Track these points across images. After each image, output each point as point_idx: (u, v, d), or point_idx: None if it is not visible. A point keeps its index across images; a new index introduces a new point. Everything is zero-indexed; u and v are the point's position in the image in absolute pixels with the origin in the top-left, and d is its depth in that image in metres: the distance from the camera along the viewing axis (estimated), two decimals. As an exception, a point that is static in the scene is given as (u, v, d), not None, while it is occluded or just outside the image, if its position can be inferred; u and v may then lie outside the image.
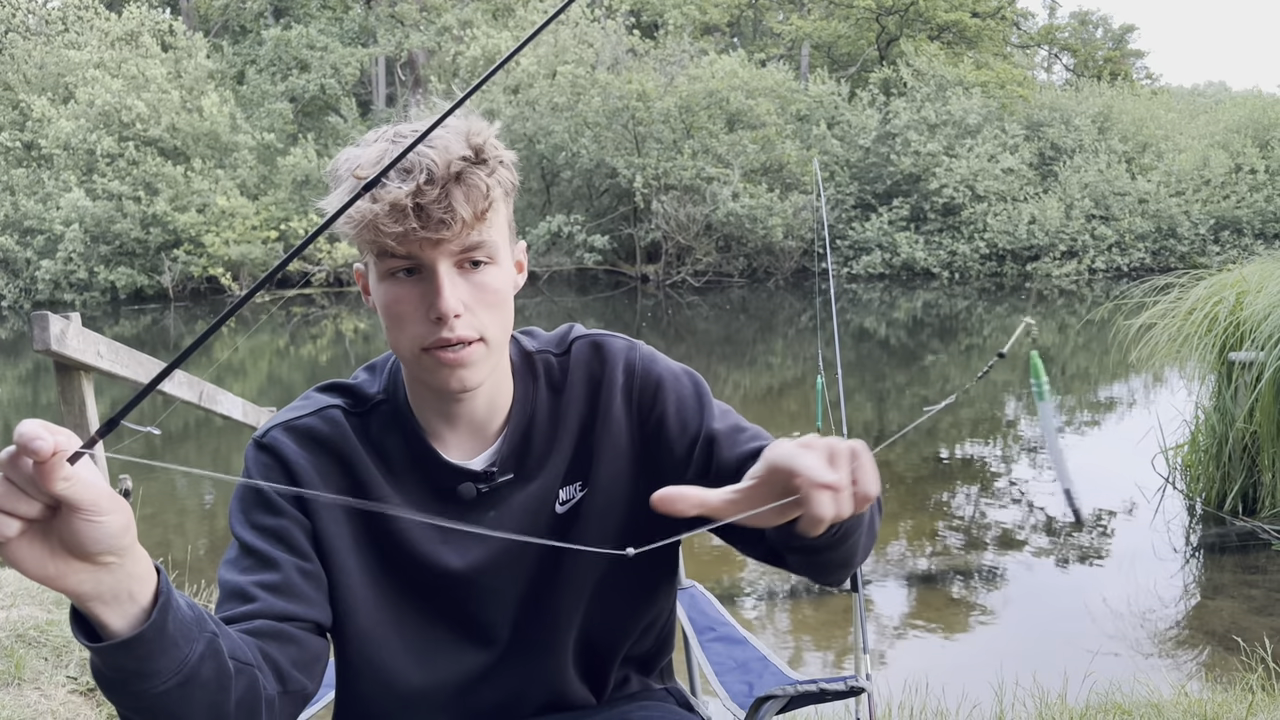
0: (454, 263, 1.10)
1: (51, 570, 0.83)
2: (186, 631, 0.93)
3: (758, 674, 1.43)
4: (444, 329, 1.09)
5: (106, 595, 0.87)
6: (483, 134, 1.09)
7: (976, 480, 7.51)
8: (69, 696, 2.84)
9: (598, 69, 24.79)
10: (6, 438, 3.68)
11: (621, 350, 1.28)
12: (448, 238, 1.07)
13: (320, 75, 27.84)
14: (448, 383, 1.13)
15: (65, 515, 0.81)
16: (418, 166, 1.04)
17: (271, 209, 24.00)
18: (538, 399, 1.25)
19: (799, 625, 4.87)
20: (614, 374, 1.26)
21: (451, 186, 1.05)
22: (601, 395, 1.25)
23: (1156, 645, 4.32)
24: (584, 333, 1.31)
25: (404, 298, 1.10)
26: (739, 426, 1.24)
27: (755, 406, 11.10)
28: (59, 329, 3.08)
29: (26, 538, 0.82)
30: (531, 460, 1.24)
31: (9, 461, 0.79)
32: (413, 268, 1.10)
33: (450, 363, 1.11)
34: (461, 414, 1.22)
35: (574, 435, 1.25)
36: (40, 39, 25.91)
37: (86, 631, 0.90)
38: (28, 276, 22.92)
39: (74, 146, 23.41)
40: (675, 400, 1.25)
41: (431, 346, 1.10)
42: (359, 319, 21.19)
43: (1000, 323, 17.58)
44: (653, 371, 1.27)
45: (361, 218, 1.04)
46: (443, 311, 1.08)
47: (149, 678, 0.91)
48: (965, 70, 26.42)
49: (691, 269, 23.96)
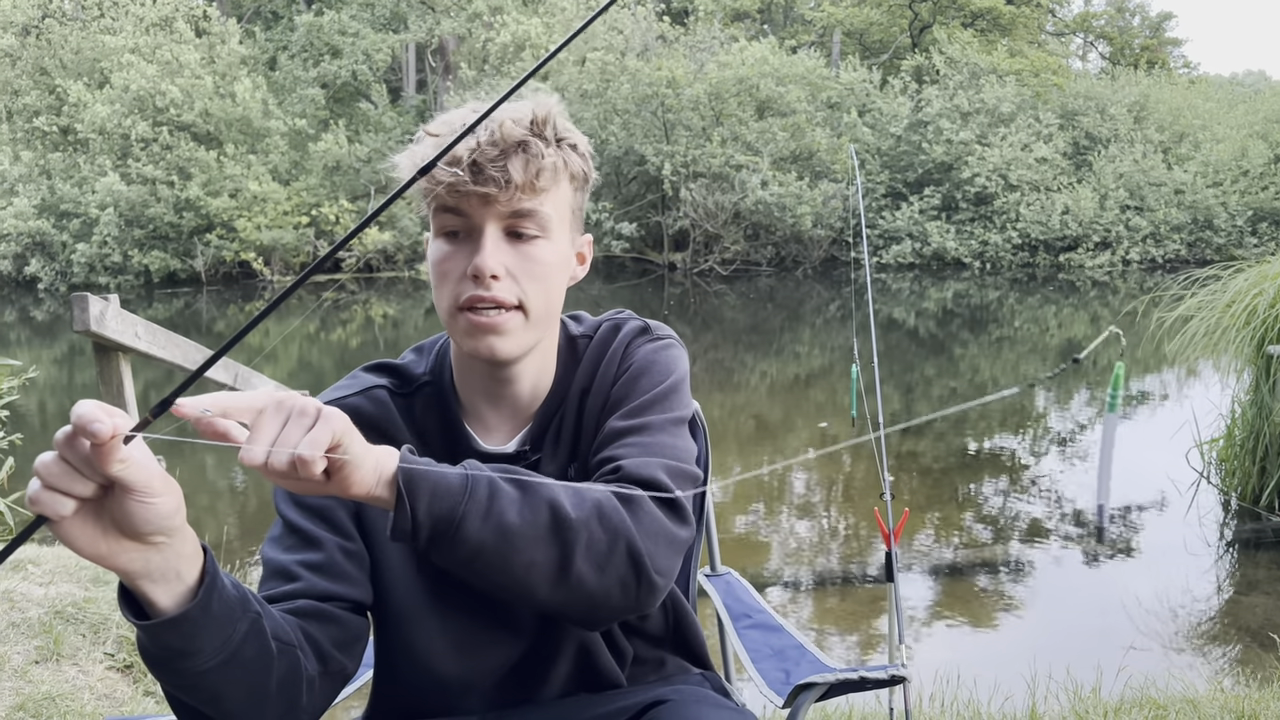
0: (503, 227, 1.11)
1: (103, 549, 0.85)
2: (231, 611, 0.95)
3: (794, 661, 1.42)
4: (480, 286, 1.10)
5: (155, 574, 0.88)
6: (551, 111, 1.12)
7: (1005, 472, 7.45)
8: (106, 673, 2.89)
9: (627, 55, 24.72)
10: (43, 418, 3.76)
11: (630, 332, 1.28)
12: (497, 198, 1.09)
13: (352, 61, 27.93)
14: (478, 347, 1.13)
15: (118, 496, 0.83)
16: (482, 127, 1.08)
17: (303, 194, 24.15)
18: (572, 381, 1.25)
19: (825, 614, 4.86)
20: (615, 353, 1.26)
21: (511, 151, 1.09)
22: (599, 372, 1.25)
23: (1189, 641, 4.27)
24: (615, 315, 1.31)
25: (450, 255, 1.13)
26: (634, 429, 1.16)
27: (782, 396, 11.07)
28: (99, 310, 3.12)
29: (80, 517, 0.83)
30: (550, 439, 1.24)
31: (65, 442, 0.80)
32: (464, 230, 1.12)
33: (483, 326, 1.11)
34: (505, 394, 1.22)
35: (575, 413, 1.25)
36: (76, 24, 26.17)
37: (134, 609, 0.92)
38: (64, 260, 23.21)
39: (109, 131, 23.65)
40: (626, 382, 1.22)
41: (466, 305, 1.11)
42: (388, 304, 21.30)
43: (1032, 314, 17.41)
44: (635, 356, 1.25)
45: (413, 161, 1.09)
46: (480, 268, 1.09)
47: (193, 656, 0.92)
48: (999, 58, 26.09)
49: (719, 257, 23.88)
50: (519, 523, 0.97)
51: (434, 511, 0.94)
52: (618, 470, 1.11)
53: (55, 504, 0.80)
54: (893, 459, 7.34)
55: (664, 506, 1.06)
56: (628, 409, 1.19)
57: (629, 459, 1.12)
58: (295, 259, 23.72)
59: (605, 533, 1.00)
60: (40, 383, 11.59)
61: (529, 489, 0.99)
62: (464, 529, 0.95)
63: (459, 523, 0.95)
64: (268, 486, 7.97)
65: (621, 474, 1.10)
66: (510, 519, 0.97)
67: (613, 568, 1.01)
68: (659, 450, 1.14)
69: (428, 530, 0.94)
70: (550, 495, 0.99)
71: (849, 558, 5.64)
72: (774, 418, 9.95)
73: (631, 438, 1.15)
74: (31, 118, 24.84)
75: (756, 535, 5.98)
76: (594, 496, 1.02)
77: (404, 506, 0.92)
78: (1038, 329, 15.77)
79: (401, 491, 0.92)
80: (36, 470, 0.81)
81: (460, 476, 0.96)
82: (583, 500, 1.01)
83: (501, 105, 1.07)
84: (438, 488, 0.94)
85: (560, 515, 0.98)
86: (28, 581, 3.30)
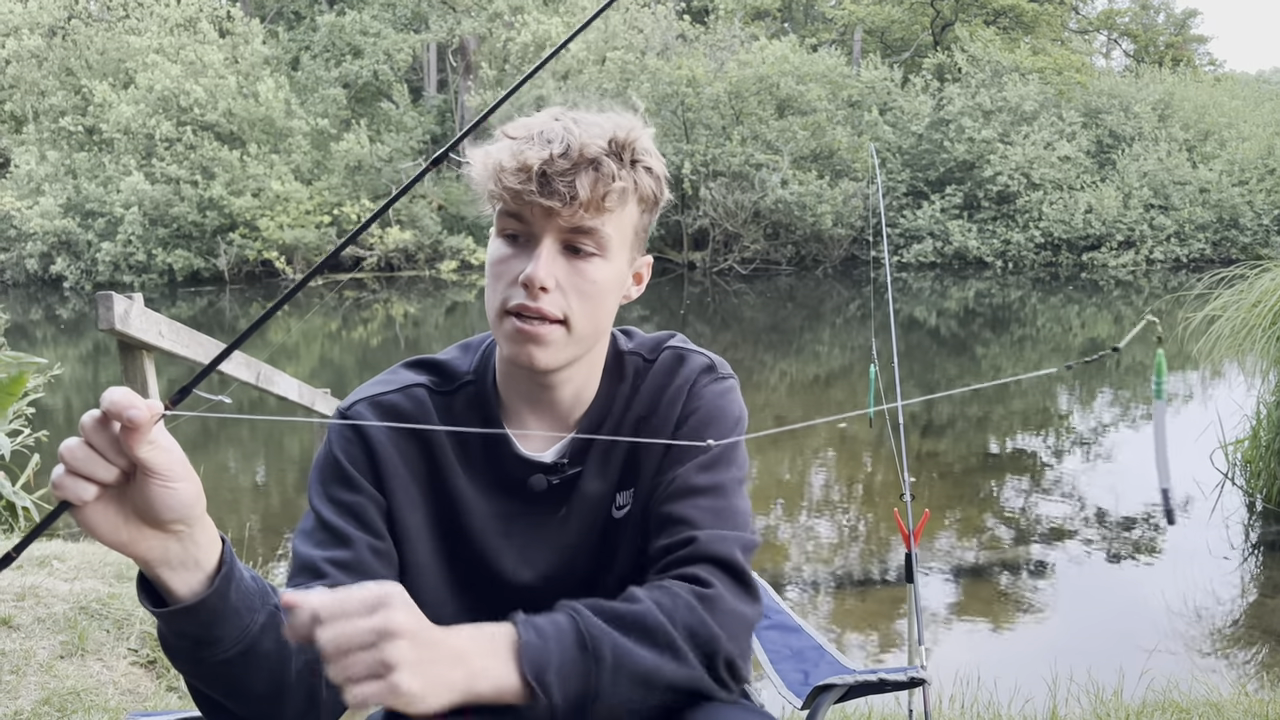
0: (561, 240, 1.11)
1: (124, 536, 0.87)
2: (249, 602, 0.96)
3: (814, 663, 1.42)
4: (529, 296, 1.10)
5: (174, 561, 0.90)
6: (635, 134, 1.11)
7: (1026, 473, 7.40)
8: (130, 668, 2.91)
9: (647, 55, 24.72)
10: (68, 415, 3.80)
11: (696, 368, 1.25)
12: (560, 211, 1.08)
13: (373, 61, 28.08)
14: (518, 354, 1.13)
15: (141, 481, 0.85)
16: (559, 139, 1.07)
17: (325, 194, 24.30)
18: (616, 397, 1.24)
19: (843, 615, 4.84)
20: (680, 389, 1.23)
21: (583, 167, 1.07)
22: (661, 406, 1.23)
23: (1213, 644, 4.23)
24: (677, 344, 1.29)
25: (506, 257, 1.12)
26: (707, 489, 1.17)
27: (802, 395, 11.04)
28: (123, 309, 3.15)
29: (102, 503, 0.85)
30: (595, 457, 1.23)
31: (93, 426, 0.83)
32: (523, 235, 1.11)
33: (525, 334, 1.11)
34: (545, 400, 1.21)
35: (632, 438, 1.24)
36: (102, 25, 26.43)
37: (153, 597, 0.93)
38: (89, 258, 23.45)
39: (134, 131, 23.88)
40: (695, 429, 1.21)
41: (512, 310, 1.11)
42: (409, 303, 21.40)
43: (1054, 314, 17.29)
44: (704, 398, 1.23)
45: (495, 164, 1.08)
46: (530, 278, 1.09)
47: (212, 645, 0.94)
48: (1021, 56, 25.91)
49: (739, 256, 23.85)
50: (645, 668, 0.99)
51: (568, 692, 0.95)
52: (693, 541, 1.11)
53: (79, 489, 0.83)
54: (913, 459, 7.31)
55: (738, 588, 1.09)
56: (699, 461, 1.18)
57: (704, 528, 1.12)
58: (317, 257, 23.86)
59: (701, 653, 1.03)
60: (65, 380, 11.72)
61: (636, 627, 1.00)
62: (600, 698, 0.97)
63: (595, 695, 0.96)
64: (290, 483, 8.01)
65: (697, 546, 1.10)
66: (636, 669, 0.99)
67: (712, 678, 1.04)
68: (731, 520, 1.15)
69: (565, 710, 0.95)
70: (658, 630, 1.01)
71: (868, 558, 5.62)
72: (793, 417, 9.93)
73: (704, 500, 1.15)
74: (58, 118, 25.11)
75: (776, 535, 5.96)
76: (683, 618, 1.03)
77: (538, 699, 0.93)
78: (1060, 328, 15.66)
79: (534, 686, 0.93)
80: (61, 455, 0.83)
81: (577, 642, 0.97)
82: (675, 622, 1.02)
83: (593, 119, 1.10)
84: (563, 667, 0.95)
85: (674, 648, 1.01)
86: (53, 577, 3.33)
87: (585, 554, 1.22)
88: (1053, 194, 23.15)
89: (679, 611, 1.03)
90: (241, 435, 9.12)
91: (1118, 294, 19.35)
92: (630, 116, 1.13)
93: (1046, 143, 23.58)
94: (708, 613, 1.03)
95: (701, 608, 1.03)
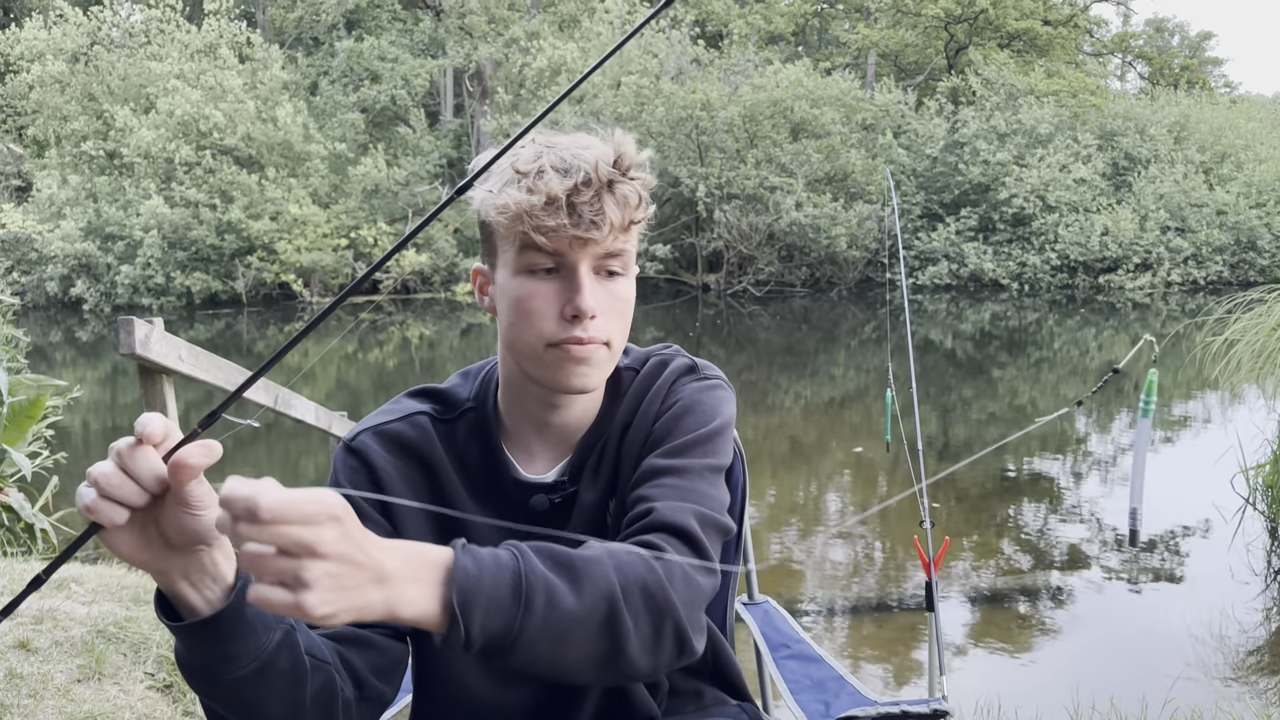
0: (593, 266, 1.12)
1: (146, 557, 0.89)
2: (264, 620, 0.97)
3: (834, 694, 1.41)
4: (578, 327, 1.11)
5: (192, 577, 0.92)
6: (633, 154, 1.11)
7: (1045, 497, 7.34)
8: (146, 692, 2.91)
9: (662, 79, 24.85)
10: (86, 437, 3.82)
11: (677, 369, 1.26)
12: (596, 239, 1.09)
13: (391, 86, 28.33)
14: (569, 380, 1.13)
15: (169, 508, 0.87)
16: (574, 168, 1.07)
17: (342, 217, 24.47)
18: (615, 414, 1.25)
19: (861, 641, 4.80)
20: (660, 389, 1.24)
21: (604, 192, 1.08)
22: (642, 408, 1.24)
23: (1237, 672, 4.18)
24: (666, 352, 1.30)
25: (540, 293, 1.11)
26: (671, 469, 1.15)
27: (817, 418, 11.00)
28: (144, 333, 3.17)
29: (129, 526, 0.87)
30: (590, 470, 1.24)
31: (128, 452, 0.84)
32: (553, 266, 1.11)
33: (578, 357, 1.12)
34: (555, 423, 1.22)
35: (616, 446, 1.24)
36: (124, 51, 26.77)
37: (170, 613, 0.94)
38: (108, 281, 23.65)
39: (154, 155, 24.12)
40: (668, 420, 1.21)
41: (561, 342, 1.11)
42: (425, 325, 21.47)
43: (1071, 336, 17.20)
44: (682, 393, 1.23)
45: (518, 207, 1.07)
46: (582, 309, 1.09)
47: (228, 661, 0.94)
48: (1036, 79, 25.92)
49: (753, 278, 23.86)
50: (572, 623, 0.94)
51: (489, 629, 0.90)
52: (650, 513, 1.09)
53: (111, 513, 0.84)
54: (931, 483, 7.26)
55: (692, 554, 1.06)
56: (667, 448, 1.17)
57: (662, 501, 1.10)
58: (334, 280, 24.01)
59: (652, 615, 0.98)
60: (84, 402, 11.80)
61: (580, 577, 0.95)
62: (520, 643, 0.92)
63: (515, 638, 0.91)
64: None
65: (653, 516, 1.09)
66: (565, 622, 0.93)
67: (661, 650, 1.00)
68: (693, 496, 1.12)
69: (480, 645, 0.90)
70: (602, 583, 0.96)
71: (886, 584, 5.57)
72: (808, 440, 9.89)
73: (668, 479, 1.14)
74: (79, 142, 25.40)
75: (792, 560, 5.93)
76: (638, 573, 0.99)
77: (458, 629, 0.88)
78: (1078, 351, 15.57)
79: (456, 614, 0.87)
80: (95, 480, 0.84)
81: (512, 583, 0.91)
82: (628, 578, 0.98)
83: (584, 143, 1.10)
84: (490, 603, 0.89)
85: (614, 609, 0.95)
86: (71, 600, 3.34)
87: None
88: (1068, 216, 23.09)
89: (635, 569, 0.99)
90: (258, 456, 9.15)
91: (1135, 316, 19.24)
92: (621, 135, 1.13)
93: (1062, 165, 23.54)
94: (665, 576, 0.99)
95: (660, 574, 0.99)
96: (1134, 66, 39.48)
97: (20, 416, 4.97)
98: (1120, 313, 19.79)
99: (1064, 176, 23.32)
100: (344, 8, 30.26)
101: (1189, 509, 6.26)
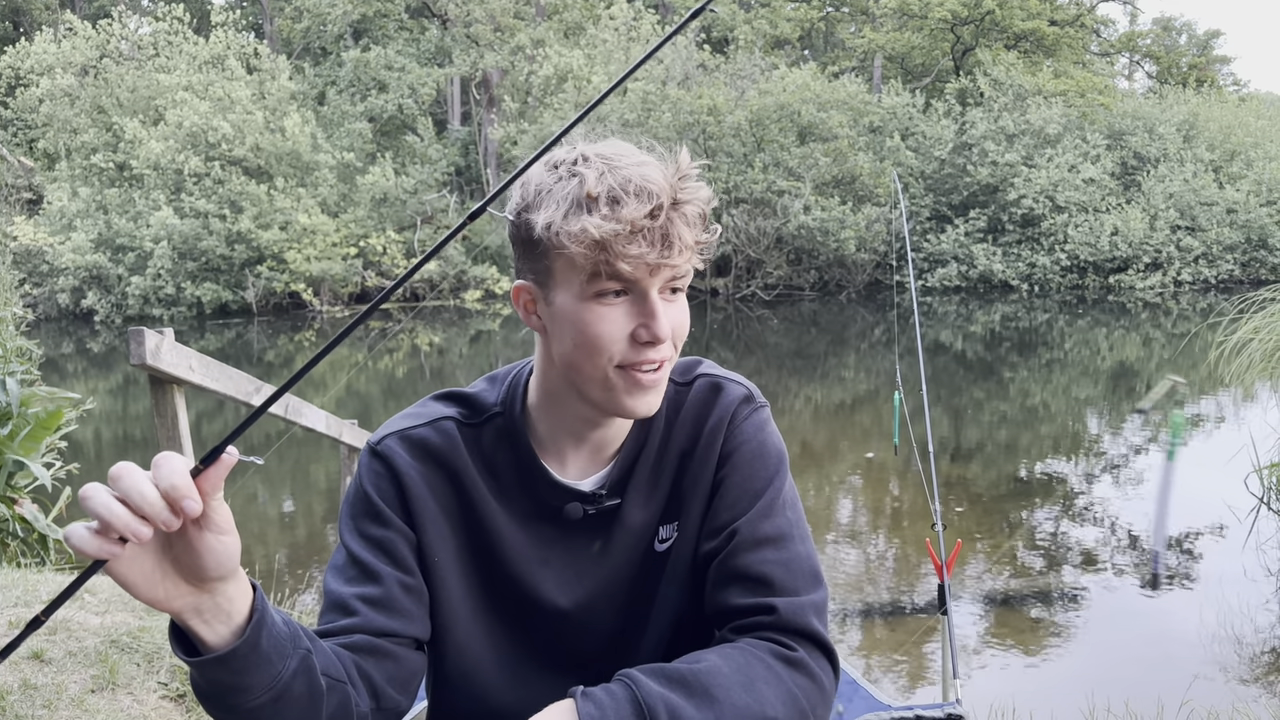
0: (659, 288, 1.09)
1: (160, 592, 0.88)
2: (280, 648, 0.96)
3: (848, 698, 1.40)
4: (652, 350, 1.09)
5: (206, 613, 0.91)
6: (692, 169, 1.09)
7: (1057, 499, 7.31)
8: (160, 702, 2.92)
9: (668, 84, 24.87)
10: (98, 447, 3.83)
11: (735, 399, 1.24)
12: (674, 263, 1.06)
13: (398, 95, 28.44)
14: (636, 406, 1.12)
15: (193, 535, 0.87)
16: (647, 190, 1.04)
17: (351, 226, 24.55)
18: (653, 426, 1.23)
19: (874, 644, 4.79)
20: (720, 421, 1.22)
21: (673, 213, 1.06)
22: (703, 438, 1.22)
23: (1253, 671, 4.15)
24: (709, 370, 1.28)
25: (610, 317, 1.08)
26: (773, 540, 1.16)
27: (827, 421, 10.98)
28: (154, 344, 3.18)
29: (139, 557, 0.86)
30: (637, 488, 1.22)
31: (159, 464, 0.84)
32: (621, 289, 1.08)
33: (649, 384, 1.11)
34: (594, 435, 1.20)
35: (673, 472, 1.23)
36: (133, 64, 26.93)
37: (185, 646, 0.94)
38: (119, 292, 23.76)
39: (163, 167, 24.25)
40: (744, 475, 1.20)
41: (632, 365, 1.09)
42: (434, 333, 21.51)
43: (1082, 336, 17.14)
44: (747, 433, 1.22)
45: (600, 234, 1.02)
46: (660, 335, 1.07)
47: (243, 692, 0.94)
48: (1044, 79, 25.87)
49: (762, 282, 23.85)
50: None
51: None
52: (772, 610, 1.10)
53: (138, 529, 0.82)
54: (941, 484, 7.25)
55: (823, 659, 1.09)
56: (761, 509, 1.18)
57: (780, 596, 1.11)
58: (344, 289, 24.09)
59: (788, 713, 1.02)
60: (96, 413, 11.84)
61: (698, 692, 1.00)
62: None
63: None
64: (317, 514, 8.03)
65: (778, 618, 1.10)
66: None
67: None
68: (799, 569, 1.14)
69: None
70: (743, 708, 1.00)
71: (898, 587, 5.56)
72: (819, 443, 9.87)
73: (772, 552, 1.14)
74: (89, 155, 25.56)
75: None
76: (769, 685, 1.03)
77: None
78: (1089, 351, 15.51)
79: None
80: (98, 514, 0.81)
81: (634, 713, 0.97)
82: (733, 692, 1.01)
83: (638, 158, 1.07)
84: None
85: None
86: (84, 610, 3.35)
87: (624, 585, 1.21)
88: (1078, 216, 23.02)
89: (773, 689, 1.03)
90: (269, 466, 9.17)
91: (1145, 316, 19.16)
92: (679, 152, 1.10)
93: (1070, 165, 23.48)
94: (800, 679, 1.05)
95: (789, 674, 1.04)
96: (1142, 65, 39.36)
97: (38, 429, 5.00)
98: (1131, 313, 19.71)
99: (1073, 176, 23.25)
100: (350, 18, 30.37)
101: (1202, 509, 6.22)
